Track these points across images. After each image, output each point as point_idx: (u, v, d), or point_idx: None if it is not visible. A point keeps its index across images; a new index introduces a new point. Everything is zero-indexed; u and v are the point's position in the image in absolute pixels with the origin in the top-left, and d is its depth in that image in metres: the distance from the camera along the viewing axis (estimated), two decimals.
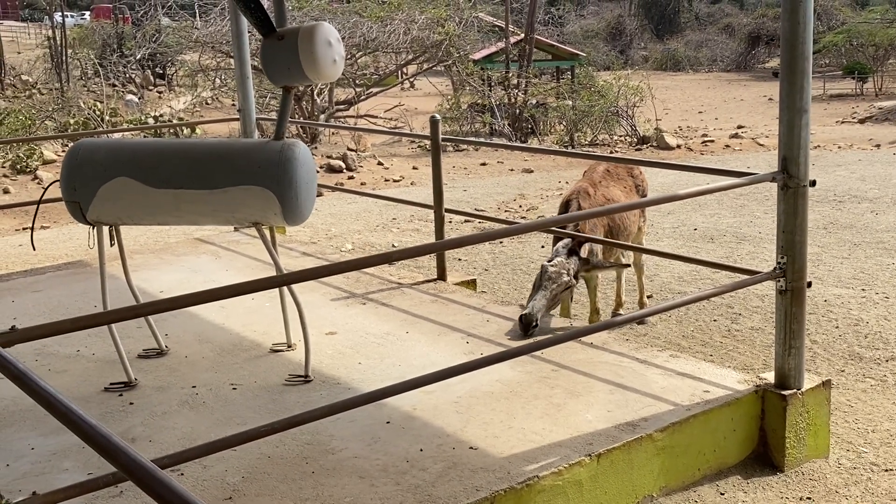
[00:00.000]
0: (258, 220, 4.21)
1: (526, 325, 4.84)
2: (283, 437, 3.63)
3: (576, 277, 5.36)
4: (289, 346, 4.72)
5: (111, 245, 4.50)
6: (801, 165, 3.87)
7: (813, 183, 3.95)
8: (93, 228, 4.43)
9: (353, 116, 21.25)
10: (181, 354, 4.76)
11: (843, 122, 26.51)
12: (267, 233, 4.40)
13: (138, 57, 30.72)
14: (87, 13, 48.19)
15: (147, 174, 4.15)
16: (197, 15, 24.01)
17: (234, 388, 4.28)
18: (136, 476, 1.30)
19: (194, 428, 3.88)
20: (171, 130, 17.07)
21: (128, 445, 1.41)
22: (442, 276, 6.08)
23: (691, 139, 21.43)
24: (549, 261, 5.34)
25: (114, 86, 29.03)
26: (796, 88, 3.81)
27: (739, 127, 24.19)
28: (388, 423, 3.83)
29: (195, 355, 4.74)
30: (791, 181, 3.89)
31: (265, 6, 4.26)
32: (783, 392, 4.01)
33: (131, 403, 4.17)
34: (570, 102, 22.16)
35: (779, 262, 3.99)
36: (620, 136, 21.76)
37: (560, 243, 5.48)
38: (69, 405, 1.55)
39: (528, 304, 5.11)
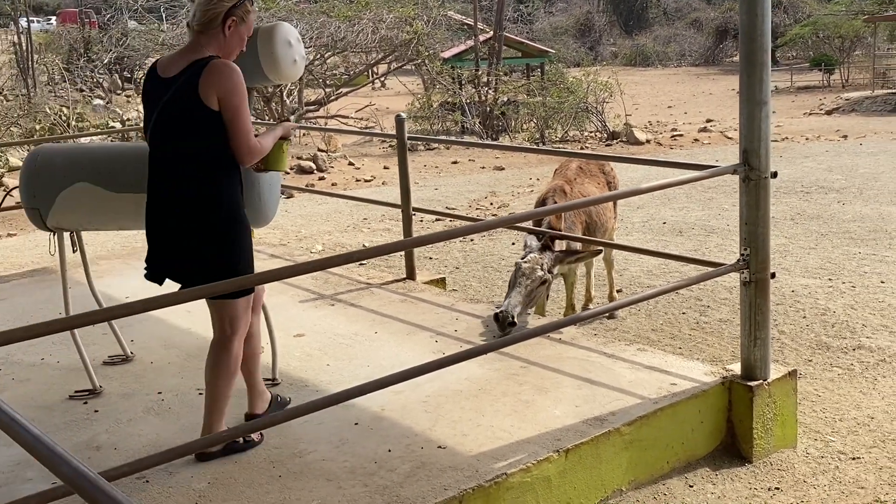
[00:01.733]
0: None
1: (502, 323, 4.78)
2: None
3: (551, 272, 5.33)
4: None
5: (73, 251, 4.45)
6: (762, 157, 3.89)
7: (774, 175, 3.97)
8: (53, 235, 4.37)
9: (323, 117, 21.16)
10: (147, 360, 4.72)
11: (810, 114, 26.75)
12: None
13: (105, 61, 30.43)
14: (54, 18, 47.69)
15: (107, 179, 4.10)
16: (163, 18, 23.82)
17: (201, 394, 4.20)
18: (79, 487, 1.28)
19: (160, 434, 3.84)
20: (139, 134, 16.94)
21: (72, 456, 1.38)
22: (411, 275, 6.07)
23: (661, 134, 21.53)
24: (523, 258, 5.33)
25: (81, 91, 28.75)
26: (755, 80, 3.83)
27: (708, 121, 24.33)
28: (356, 424, 3.81)
29: (161, 361, 4.70)
30: (752, 173, 3.91)
31: None
32: (750, 383, 4.03)
33: (96, 411, 4.12)
34: (541, 99, 22.20)
35: (742, 254, 4.01)
36: (591, 132, 21.82)
37: (531, 239, 5.47)
38: (13, 415, 1.52)
39: (503, 302, 5.10)
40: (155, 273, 3.64)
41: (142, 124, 3.83)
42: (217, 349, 3.55)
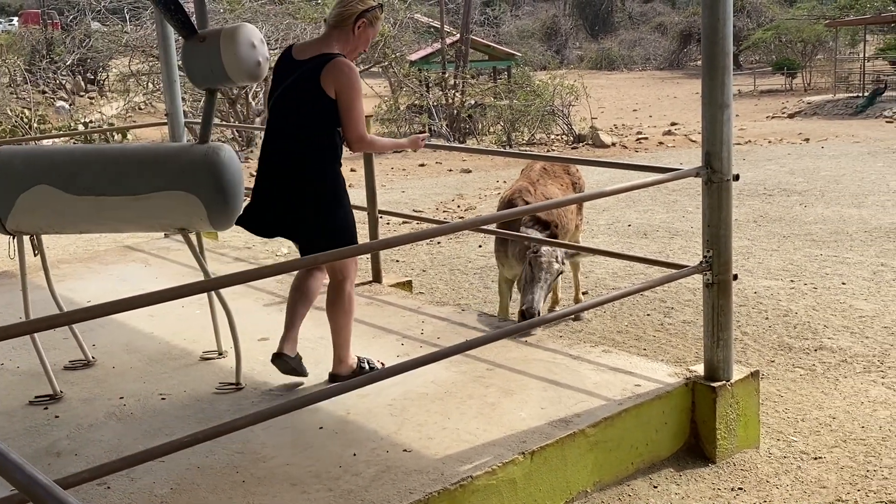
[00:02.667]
0: (184, 226, 4.13)
1: (527, 317, 5.06)
2: (212, 447, 3.56)
3: (563, 263, 5.51)
4: (220, 354, 4.65)
5: (34, 255, 4.38)
6: (724, 160, 3.93)
7: (736, 177, 4.00)
8: (13, 238, 4.31)
9: None
10: (108, 365, 4.66)
11: (773, 118, 27.07)
12: (194, 239, 4.32)
13: (68, 62, 30.08)
14: (15, 19, 47.04)
15: (67, 181, 4.04)
16: (127, 19, 23.59)
17: (164, 399, 4.19)
18: (33, 495, 1.26)
19: (121, 440, 3.79)
20: (102, 136, 16.76)
21: (25, 462, 1.35)
22: (377, 278, 6.05)
23: (626, 137, 21.69)
24: (535, 252, 5.38)
25: (44, 92, 28.38)
26: (717, 84, 3.86)
27: (673, 124, 24.56)
28: (321, 428, 3.79)
29: (123, 365, 4.64)
30: (714, 176, 3.94)
31: (186, 9, 4.19)
32: (713, 384, 4.06)
33: (57, 417, 4.06)
34: (507, 102, 22.27)
35: (705, 256, 4.04)
36: (557, 134, 21.94)
37: (531, 231, 5.52)
38: None
39: (525, 298, 5.28)
40: (261, 228, 4.17)
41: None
42: (333, 293, 4.19)
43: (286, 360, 4.19)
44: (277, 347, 4.22)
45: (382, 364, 4.34)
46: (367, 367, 4.27)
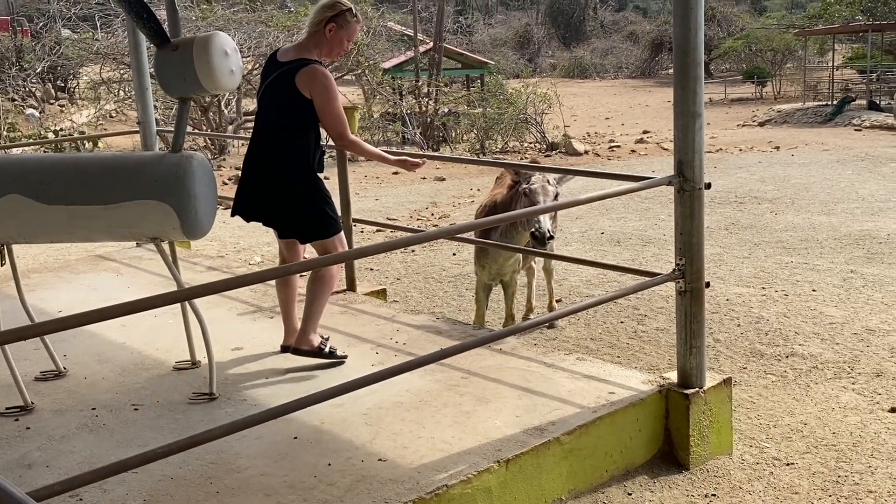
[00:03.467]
0: (156, 235, 4.11)
1: (541, 240, 5.16)
2: (186, 457, 3.54)
3: (558, 185, 5.56)
4: (193, 364, 4.61)
5: (2, 264, 4.34)
6: (696, 169, 3.96)
7: (708, 186, 4.04)
8: None
9: None
10: (80, 376, 4.61)
11: (743, 126, 27.34)
12: (167, 248, 4.30)
13: (38, 70, 29.77)
14: None
15: (38, 190, 4.01)
16: (98, 26, 23.41)
17: (136, 409, 4.16)
18: None
19: (94, 451, 3.76)
20: (73, 145, 16.62)
21: None
22: (351, 286, 6.04)
23: (599, 145, 21.81)
24: (528, 181, 5.44)
25: (13, 100, 28.07)
26: (689, 93, 3.89)
27: (645, 132, 24.73)
28: (295, 438, 3.77)
29: (95, 376, 4.60)
30: (687, 184, 3.97)
31: (158, 16, 4.18)
32: (686, 391, 4.08)
33: (28, 428, 4.02)
34: (481, 110, 22.34)
35: (677, 264, 4.07)
36: (530, 142, 22.04)
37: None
38: None
39: (532, 223, 5.32)
40: (246, 214, 4.59)
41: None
42: (318, 271, 4.49)
43: (294, 351, 4.57)
44: (283, 341, 4.77)
45: (345, 356, 4.63)
46: (326, 350, 4.56)
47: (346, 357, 4.62)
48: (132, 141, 18.65)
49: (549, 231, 5.25)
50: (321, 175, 4.51)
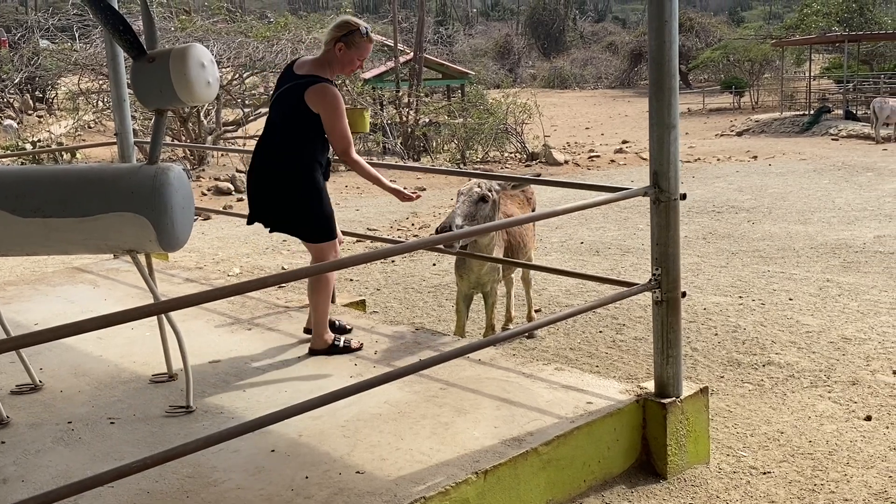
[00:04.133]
0: (133, 247, 4.09)
1: (439, 232, 5.00)
2: (162, 471, 3.52)
3: (491, 191, 5.37)
4: (170, 377, 4.59)
5: None
6: (672, 180, 3.99)
7: (683, 196, 4.07)
8: None
9: (242, 137, 20.93)
10: (56, 389, 4.58)
11: (721, 135, 27.53)
12: (143, 260, 4.28)
13: (16, 81, 29.59)
14: None
15: (13, 203, 3.99)
16: (76, 37, 23.28)
17: (112, 423, 4.13)
18: None
19: (70, 465, 3.73)
20: (51, 156, 16.52)
21: None
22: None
23: (578, 155, 21.90)
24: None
25: None
26: (664, 105, 3.92)
27: (624, 142, 24.85)
28: (272, 451, 3.76)
29: (71, 389, 4.57)
30: (662, 195, 4.00)
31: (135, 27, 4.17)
32: (663, 400, 4.10)
33: (3, 442, 3.98)
34: (461, 121, 22.38)
35: (654, 274, 4.10)
36: (511, 152, 22.09)
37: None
38: None
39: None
40: (257, 220, 4.83)
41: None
42: (314, 278, 4.79)
43: (311, 352, 4.91)
44: (307, 323, 5.22)
45: (361, 344, 4.95)
46: (340, 345, 4.88)
47: (361, 346, 4.96)
48: (110, 152, 18.55)
49: (450, 226, 5.05)
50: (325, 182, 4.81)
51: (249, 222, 4.92)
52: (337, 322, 5.23)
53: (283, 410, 3.10)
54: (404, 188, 5.03)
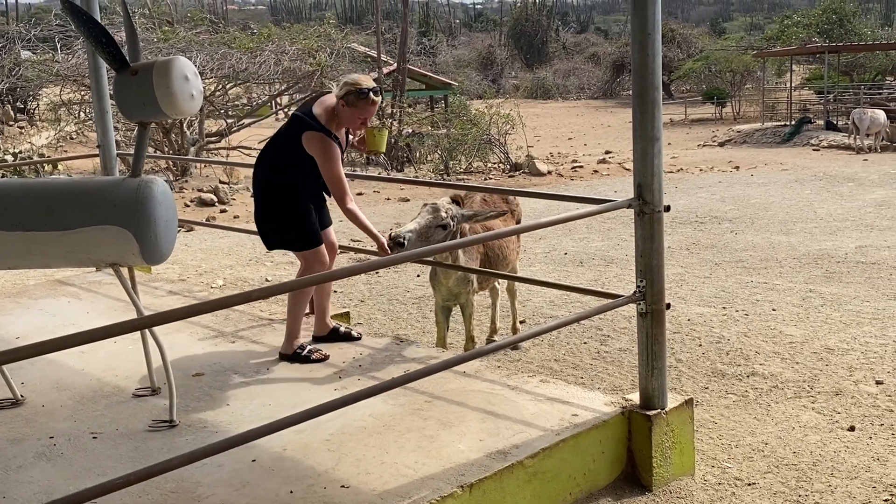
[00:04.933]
0: (116, 260, 4.07)
1: (391, 244, 4.96)
2: (146, 487, 3.49)
3: (454, 219, 5.28)
4: (153, 391, 4.56)
5: None
6: (656, 192, 4.00)
7: (667, 208, 4.08)
8: None
9: (225, 148, 20.88)
10: (38, 403, 4.54)
11: (704, 146, 27.68)
12: (126, 273, 4.25)
13: None
14: None
15: None
16: (58, 48, 23.18)
17: (95, 437, 4.10)
18: None
19: (52, 481, 3.69)
20: (32, 167, 16.41)
21: None
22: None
23: (562, 165, 21.97)
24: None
25: None
26: (648, 118, 3.94)
27: (607, 152, 24.95)
28: (256, 464, 3.73)
29: (53, 404, 4.53)
30: (646, 207, 4.01)
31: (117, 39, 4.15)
32: (648, 412, 4.10)
33: None
34: (445, 131, 22.42)
35: (638, 286, 4.11)
36: (494, 163, 22.13)
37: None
38: None
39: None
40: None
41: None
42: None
43: (280, 356, 5.02)
44: (314, 331, 5.32)
45: (326, 355, 5.00)
46: (302, 352, 4.97)
47: (326, 357, 5.00)
48: (93, 164, 18.45)
49: (401, 238, 4.98)
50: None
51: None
52: (342, 328, 5.40)
53: (268, 425, 3.08)
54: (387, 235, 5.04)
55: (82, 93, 20.71)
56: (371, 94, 4.72)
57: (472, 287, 5.99)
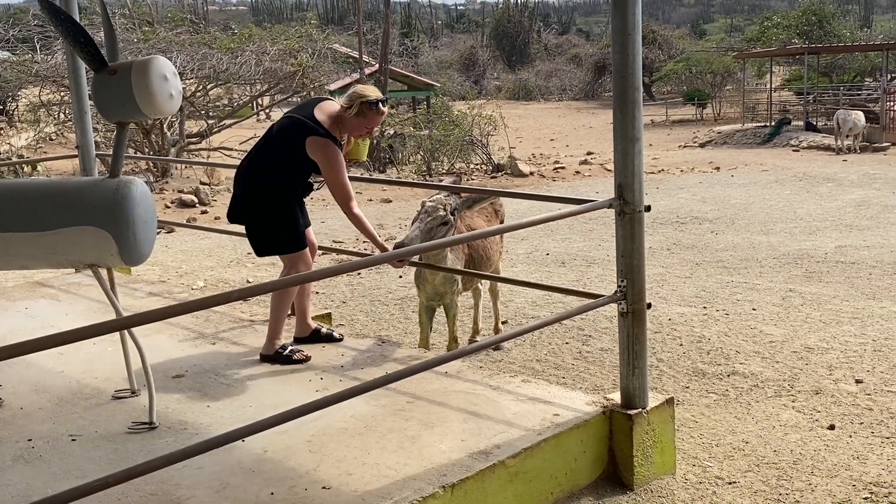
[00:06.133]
0: (94, 261, 4.04)
1: (398, 250, 4.90)
2: (125, 489, 3.46)
3: (453, 214, 5.41)
4: (133, 393, 4.53)
5: None
6: (636, 192, 4.01)
7: (648, 209, 4.10)
8: None
9: (206, 149, 20.78)
10: (16, 406, 4.50)
11: (684, 147, 27.79)
12: (105, 274, 4.22)
13: None
14: None
15: None
16: (37, 48, 23.02)
17: (74, 440, 4.07)
18: None
19: (30, 484, 3.66)
20: (11, 169, 16.28)
21: None
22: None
23: (544, 166, 22.00)
24: (430, 199, 5.42)
25: None
26: (628, 118, 3.95)
27: (589, 153, 25.00)
28: (238, 467, 3.72)
29: (31, 406, 4.49)
30: (627, 207, 4.02)
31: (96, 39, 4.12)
32: (629, 412, 4.12)
33: None
34: (427, 132, 22.40)
35: (619, 286, 4.12)
36: (476, 164, 22.12)
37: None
38: None
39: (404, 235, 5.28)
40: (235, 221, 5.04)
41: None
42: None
43: (261, 357, 5.01)
44: (295, 332, 5.32)
45: (307, 356, 4.98)
46: (283, 352, 4.96)
47: (308, 358, 4.99)
48: (72, 164, 18.32)
49: (406, 243, 5.05)
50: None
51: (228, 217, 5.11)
52: (323, 329, 5.40)
53: (249, 426, 3.07)
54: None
55: (62, 93, 20.58)
56: (381, 104, 4.82)
57: (457, 287, 5.99)
